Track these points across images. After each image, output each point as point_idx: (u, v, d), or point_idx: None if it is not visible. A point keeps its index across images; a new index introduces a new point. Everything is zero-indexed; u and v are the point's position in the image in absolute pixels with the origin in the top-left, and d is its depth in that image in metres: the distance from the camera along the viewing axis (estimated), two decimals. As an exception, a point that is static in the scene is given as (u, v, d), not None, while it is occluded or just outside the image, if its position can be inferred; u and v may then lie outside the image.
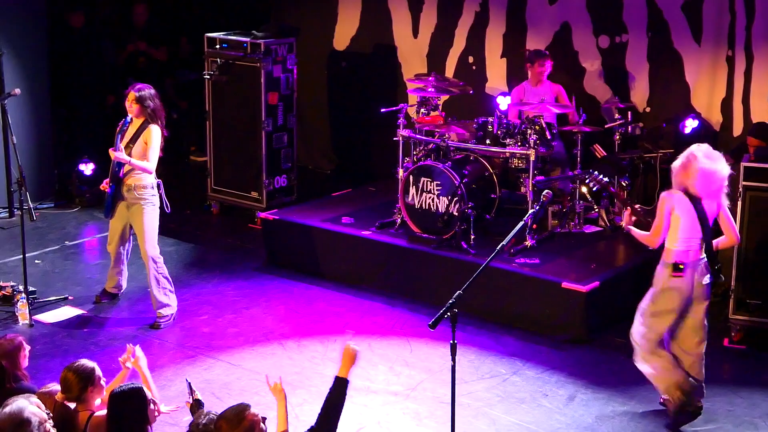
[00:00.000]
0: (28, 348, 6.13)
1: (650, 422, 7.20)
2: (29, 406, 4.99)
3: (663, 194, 6.89)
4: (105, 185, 8.67)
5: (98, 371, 5.61)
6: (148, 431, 5.30)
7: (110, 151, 8.42)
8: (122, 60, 12.73)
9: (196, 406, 5.63)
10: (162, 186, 8.66)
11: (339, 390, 5.24)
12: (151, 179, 8.58)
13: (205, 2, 13.47)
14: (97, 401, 5.57)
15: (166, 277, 8.71)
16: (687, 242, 6.81)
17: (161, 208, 8.69)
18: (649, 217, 7.04)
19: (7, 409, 4.95)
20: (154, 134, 8.49)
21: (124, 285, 9.15)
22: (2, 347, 6.00)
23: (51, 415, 5.12)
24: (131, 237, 8.89)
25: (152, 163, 8.51)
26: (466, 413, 7.18)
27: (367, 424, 7.12)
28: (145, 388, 5.37)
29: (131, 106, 8.53)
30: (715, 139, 9.74)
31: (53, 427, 5.05)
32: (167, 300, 8.70)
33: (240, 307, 9.07)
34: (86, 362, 5.63)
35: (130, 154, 8.45)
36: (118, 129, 8.65)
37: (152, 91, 8.63)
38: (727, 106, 9.90)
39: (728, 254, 8.50)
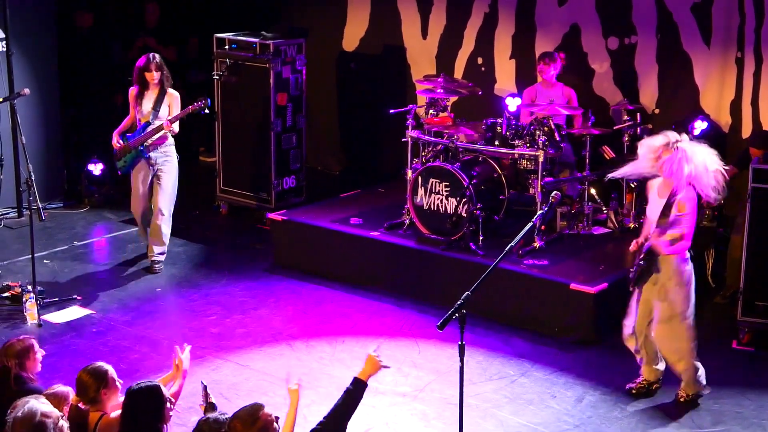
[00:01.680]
0: (41, 352, 6.07)
1: (658, 424, 7.19)
2: (41, 406, 4.96)
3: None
4: (118, 143, 9.56)
5: (113, 373, 5.62)
6: (163, 430, 5.30)
7: (166, 123, 9.22)
8: (132, 56, 12.73)
9: (210, 409, 5.63)
10: None
11: (356, 392, 5.18)
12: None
13: (215, 3, 13.48)
14: (113, 403, 5.56)
15: None
16: None
17: None
18: None
19: (20, 414, 4.91)
20: (178, 97, 9.48)
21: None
22: (12, 348, 5.95)
23: (65, 416, 5.11)
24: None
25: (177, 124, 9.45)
26: (474, 414, 7.17)
27: (375, 425, 7.11)
28: (163, 387, 5.36)
29: (156, 74, 9.30)
30: (723, 141, 9.73)
31: (66, 423, 5.04)
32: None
33: (248, 307, 9.07)
34: (101, 364, 5.64)
35: (158, 118, 9.38)
36: (134, 98, 9.45)
37: None
38: (736, 108, 9.88)
39: (738, 256, 8.51)
